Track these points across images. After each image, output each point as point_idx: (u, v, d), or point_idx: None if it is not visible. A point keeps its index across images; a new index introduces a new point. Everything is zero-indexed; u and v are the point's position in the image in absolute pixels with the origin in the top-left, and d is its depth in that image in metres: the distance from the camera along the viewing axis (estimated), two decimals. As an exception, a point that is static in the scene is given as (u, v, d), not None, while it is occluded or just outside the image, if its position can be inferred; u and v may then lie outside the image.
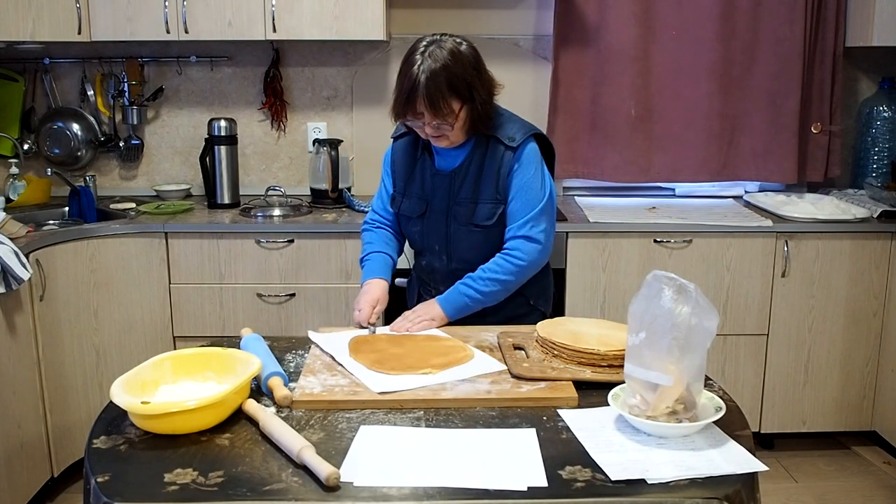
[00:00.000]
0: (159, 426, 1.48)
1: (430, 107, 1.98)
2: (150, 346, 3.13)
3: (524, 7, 3.60)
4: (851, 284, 3.20)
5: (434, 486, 1.31)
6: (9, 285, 2.60)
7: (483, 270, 2.11)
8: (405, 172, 2.24)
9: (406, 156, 2.24)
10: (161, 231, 3.10)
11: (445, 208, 2.17)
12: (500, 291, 2.12)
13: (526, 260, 2.11)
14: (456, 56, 1.99)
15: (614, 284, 3.15)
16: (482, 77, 2.05)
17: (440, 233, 2.19)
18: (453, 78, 1.97)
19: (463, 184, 2.13)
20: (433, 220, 2.20)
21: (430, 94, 1.96)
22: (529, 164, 2.10)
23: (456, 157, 2.15)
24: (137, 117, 3.56)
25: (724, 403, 1.53)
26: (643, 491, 1.30)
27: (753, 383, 3.27)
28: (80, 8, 3.15)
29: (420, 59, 1.98)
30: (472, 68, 2.02)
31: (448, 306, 2.10)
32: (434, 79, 1.96)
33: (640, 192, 3.71)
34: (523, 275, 2.14)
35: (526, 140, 2.11)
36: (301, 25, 3.21)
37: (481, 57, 2.08)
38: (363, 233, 2.37)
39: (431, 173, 2.18)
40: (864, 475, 3.21)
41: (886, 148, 3.56)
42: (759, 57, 3.50)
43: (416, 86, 1.97)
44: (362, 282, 2.24)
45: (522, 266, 2.11)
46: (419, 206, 2.20)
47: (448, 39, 2.02)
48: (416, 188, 2.21)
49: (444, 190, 2.16)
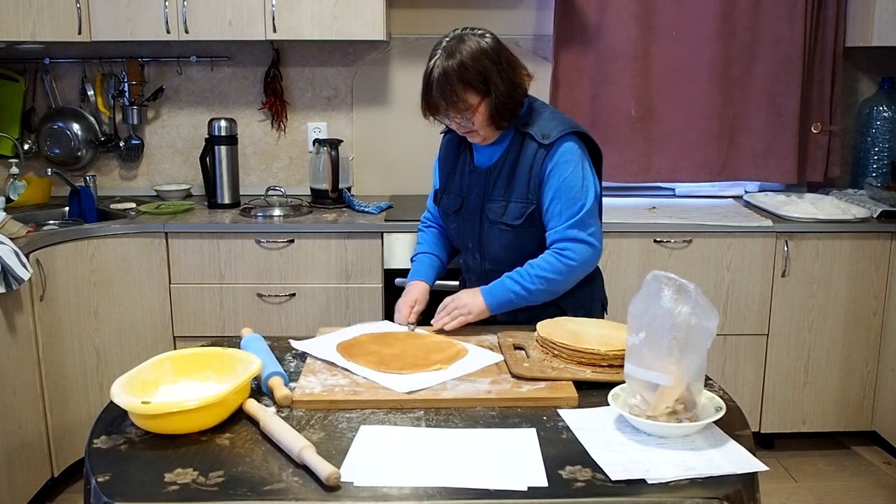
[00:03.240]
0: (159, 426, 1.48)
1: (444, 101, 1.98)
2: (150, 346, 3.13)
3: (524, 7, 3.60)
4: (851, 284, 3.20)
5: (434, 486, 1.31)
6: (9, 285, 2.60)
7: (531, 266, 2.04)
8: (448, 168, 2.24)
9: (449, 152, 2.25)
10: (161, 231, 3.10)
11: (479, 205, 2.14)
12: (545, 291, 2.04)
13: (577, 260, 2.02)
14: (472, 50, 1.97)
15: (614, 284, 3.14)
16: (502, 70, 2.00)
17: (474, 230, 2.17)
18: (466, 71, 1.96)
19: (497, 181, 2.11)
20: (467, 217, 2.18)
21: (443, 89, 1.97)
22: (567, 163, 2.03)
23: (493, 153, 2.13)
24: (137, 117, 3.56)
25: (724, 403, 1.53)
26: (643, 491, 1.30)
27: (753, 383, 3.27)
28: (80, 8, 3.15)
29: (437, 55, 1.99)
30: (490, 61, 1.98)
31: (492, 299, 2.03)
32: (447, 73, 1.96)
33: (640, 192, 3.71)
34: (573, 276, 2.05)
35: (562, 138, 2.04)
36: (301, 25, 3.21)
37: (506, 50, 2.04)
38: (418, 231, 2.39)
39: (469, 170, 2.17)
40: (864, 475, 3.21)
41: (886, 148, 3.56)
42: (759, 57, 3.50)
43: (430, 82, 1.98)
44: (407, 282, 2.25)
45: (573, 266, 2.02)
46: (456, 202, 2.19)
47: (468, 35, 2.01)
48: (455, 184, 2.21)
49: (479, 187, 2.14)
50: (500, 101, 2.00)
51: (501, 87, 2.00)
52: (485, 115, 2.02)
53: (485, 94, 1.99)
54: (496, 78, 1.99)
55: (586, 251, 2.04)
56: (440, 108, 2.01)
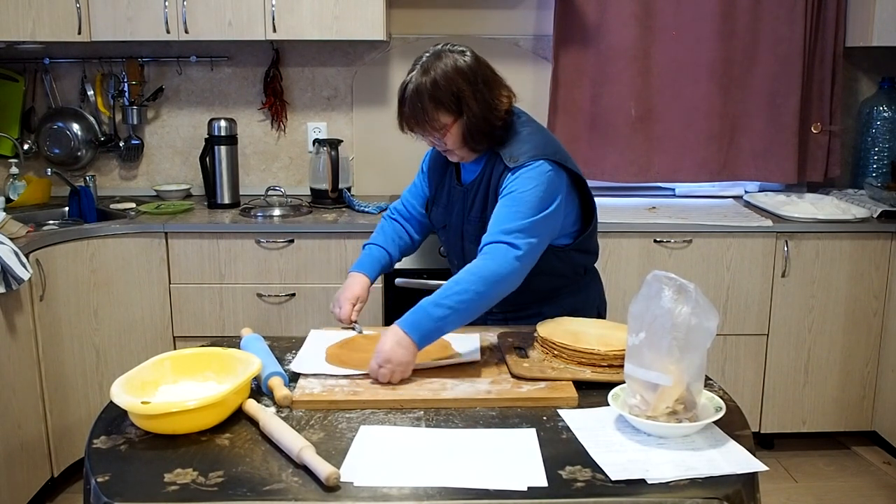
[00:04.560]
0: (159, 426, 1.48)
1: (415, 119, 1.93)
2: (150, 346, 3.13)
3: (524, 7, 3.60)
4: (851, 284, 3.20)
5: (434, 486, 1.31)
6: (9, 285, 2.60)
7: (453, 282, 1.80)
8: (437, 180, 2.19)
9: (438, 164, 2.19)
10: (161, 231, 3.10)
11: (460, 224, 2.10)
12: (472, 306, 1.78)
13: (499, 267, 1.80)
14: (448, 68, 1.90)
15: (614, 284, 3.15)
16: (477, 91, 1.91)
17: (457, 247, 2.14)
18: (438, 91, 1.88)
19: (475, 201, 2.05)
20: (451, 235, 2.14)
21: (414, 106, 1.91)
22: (528, 178, 1.89)
23: (473, 171, 2.07)
24: (137, 117, 3.56)
25: (724, 403, 1.53)
26: (643, 491, 1.30)
27: (753, 383, 3.27)
28: (80, 8, 3.15)
29: (414, 70, 1.93)
30: (465, 81, 1.89)
31: (417, 335, 1.72)
32: (419, 91, 1.90)
33: (640, 192, 3.71)
34: (496, 287, 1.80)
35: (531, 161, 1.91)
36: (301, 25, 3.21)
37: (485, 68, 1.96)
38: (382, 218, 2.32)
39: (453, 185, 2.13)
40: (864, 475, 3.21)
41: (886, 148, 3.56)
42: (759, 57, 3.50)
43: (403, 98, 1.93)
44: (349, 270, 2.17)
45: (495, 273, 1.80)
46: (443, 217, 2.16)
47: (447, 52, 1.93)
48: (443, 198, 2.16)
49: (460, 205, 2.10)
50: (473, 122, 1.91)
51: (475, 109, 1.90)
52: (457, 136, 1.94)
53: (457, 115, 1.91)
54: (470, 99, 1.90)
55: (507, 257, 1.81)
56: (412, 125, 1.95)
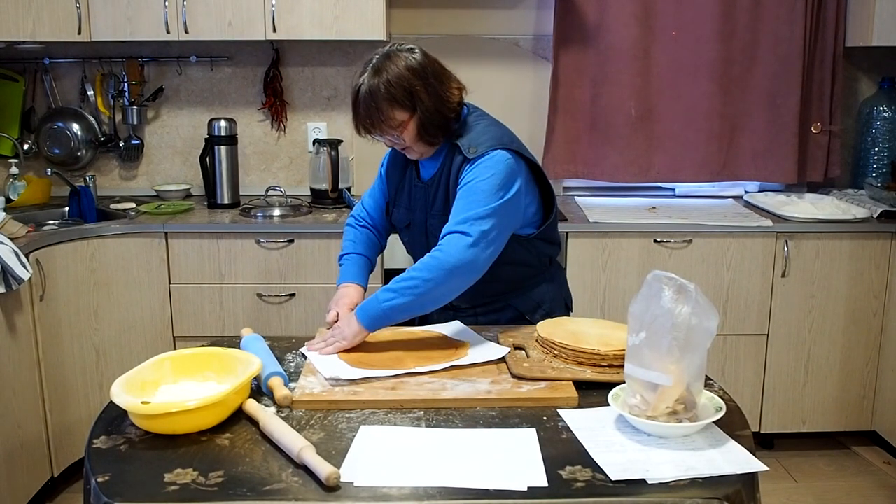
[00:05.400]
0: (159, 426, 1.48)
1: (371, 119, 1.94)
2: (150, 346, 3.13)
3: (524, 7, 3.60)
4: (851, 284, 3.20)
5: (434, 486, 1.31)
6: (9, 285, 2.60)
7: (407, 271, 1.88)
8: (396, 182, 2.20)
9: (397, 164, 2.19)
10: (161, 231, 3.10)
11: (423, 221, 2.11)
12: (424, 293, 1.84)
13: (453, 257, 1.84)
14: (397, 67, 1.92)
15: (614, 284, 3.15)
16: (429, 85, 1.94)
17: (422, 245, 2.11)
18: (392, 88, 1.91)
19: (436, 196, 2.06)
20: (415, 233, 2.14)
21: (368, 107, 1.93)
22: (486, 168, 1.93)
23: (432, 167, 2.09)
24: (137, 117, 3.56)
25: (724, 403, 1.53)
26: (643, 491, 1.30)
27: (753, 383, 3.27)
28: (80, 8, 3.15)
29: (365, 73, 1.95)
30: (416, 77, 1.92)
31: (364, 315, 1.86)
32: (372, 92, 1.92)
33: (640, 192, 3.71)
34: (452, 277, 1.84)
35: (489, 150, 1.95)
36: (301, 25, 3.21)
37: (434, 63, 1.99)
38: (347, 228, 2.31)
39: (414, 184, 2.13)
40: (864, 475, 3.21)
41: (886, 148, 3.56)
42: (759, 57, 3.50)
43: (357, 100, 1.95)
44: (338, 283, 2.16)
45: (449, 264, 1.83)
46: (406, 217, 2.16)
47: (395, 51, 1.96)
48: (404, 198, 2.17)
49: (422, 201, 2.10)
50: (427, 116, 1.95)
51: (428, 103, 1.94)
52: (413, 132, 1.97)
53: (412, 111, 1.94)
54: (422, 94, 1.93)
55: (462, 246, 1.84)
56: (368, 127, 1.97)
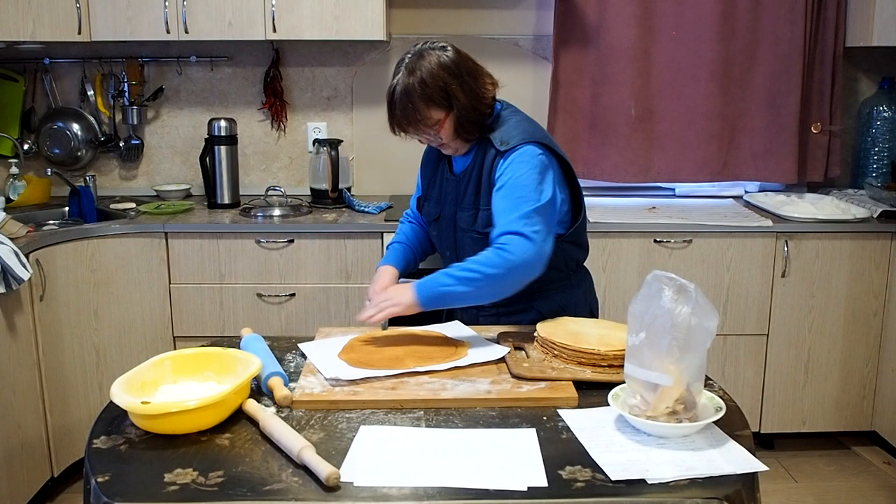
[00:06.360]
0: (159, 426, 1.48)
1: (407, 119, 1.97)
2: (150, 346, 3.13)
3: (524, 7, 3.60)
4: (851, 284, 3.20)
5: (434, 486, 1.31)
6: (9, 285, 2.60)
7: (467, 261, 1.91)
8: (429, 176, 2.23)
9: (431, 159, 2.24)
10: (161, 231, 3.10)
11: (453, 214, 2.13)
12: (482, 285, 1.88)
13: (516, 255, 1.87)
14: (433, 65, 1.94)
15: (614, 284, 3.15)
16: (463, 83, 1.96)
17: (450, 239, 2.16)
18: (426, 88, 1.93)
19: (467, 189, 2.09)
20: (444, 226, 2.17)
21: (405, 107, 1.95)
22: (522, 163, 1.96)
23: (465, 161, 2.12)
24: (137, 117, 3.56)
25: (724, 403, 1.53)
26: (643, 491, 1.30)
27: (753, 383, 3.27)
28: (80, 8, 3.15)
29: (399, 73, 1.97)
30: (449, 75, 1.95)
31: (422, 291, 1.90)
32: (406, 93, 1.94)
33: (640, 192, 3.71)
34: (514, 274, 1.89)
35: (521, 144, 1.98)
36: (301, 25, 3.21)
37: (467, 60, 2.00)
38: (400, 223, 2.40)
39: (446, 177, 2.16)
40: (864, 475, 3.21)
41: (886, 148, 3.56)
42: (759, 57, 3.50)
43: (392, 102, 1.97)
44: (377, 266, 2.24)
45: (511, 261, 1.87)
46: (435, 209, 2.19)
47: (428, 50, 1.98)
48: (435, 192, 2.20)
49: (452, 195, 2.13)
50: (464, 114, 1.97)
51: (464, 101, 1.96)
52: (450, 130, 2.00)
53: (448, 109, 1.97)
54: (458, 92, 1.96)
55: (526, 246, 1.88)
56: (405, 126, 1.99)
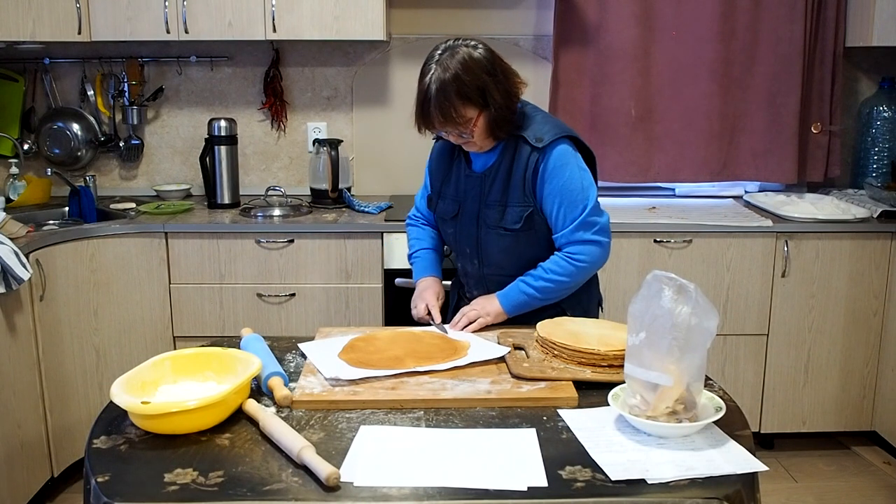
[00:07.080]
0: (159, 426, 1.48)
1: (443, 118, 1.97)
2: (150, 346, 3.13)
3: (524, 7, 3.60)
4: (851, 284, 3.20)
5: (434, 486, 1.31)
6: (9, 285, 2.60)
7: (542, 269, 2.07)
8: (442, 174, 2.23)
9: (444, 157, 2.23)
10: (161, 231, 3.10)
11: (476, 211, 2.14)
12: (557, 291, 2.08)
13: (587, 261, 2.06)
14: (467, 63, 1.95)
15: (614, 284, 3.15)
16: (497, 81, 1.99)
17: (471, 236, 2.17)
18: (463, 86, 1.94)
19: (493, 186, 2.10)
20: (464, 223, 2.17)
21: (441, 106, 1.95)
22: (564, 166, 2.04)
23: (488, 158, 2.12)
24: (137, 117, 3.56)
25: (724, 403, 1.53)
26: (643, 491, 1.30)
27: (753, 383, 3.27)
28: (80, 8, 3.15)
29: (431, 70, 1.96)
30: (485, 73, 1.97)
31: (507, 301, 2.08)
32: (443, 90, 1.94)
33: (640, 192, 3.71)
34: (583, 276, 2.09)
35: (556, 141, 2.04)
36: (301, 25, 3.21)
37: (499, 59, 2.03)
38: (408, 227, 2.40)
39: (465, 175, 2.16)
40: (864, 475, 3.21)
41: (886, 148, 3.56)
42: (759, 57, 3.50)
43: (427, 98, 1.96)
44: (415, 279, 2.26)
45: (583, 267, 2.06)
46: (453, 207, 2.19)
47: (461, 46, 1.99)
48: (451, 190, 2.20)
49: (475, 192, 2.13)
50: (499, 112, 2.00)
51: (499, 99, 1.99)
52: (483, 128, 2.01)
53: (483, 107, 1.98)
54: (493, 90, 1.98)
55: (594, 250, 2.06)
56: (437, 123, 1.99)
